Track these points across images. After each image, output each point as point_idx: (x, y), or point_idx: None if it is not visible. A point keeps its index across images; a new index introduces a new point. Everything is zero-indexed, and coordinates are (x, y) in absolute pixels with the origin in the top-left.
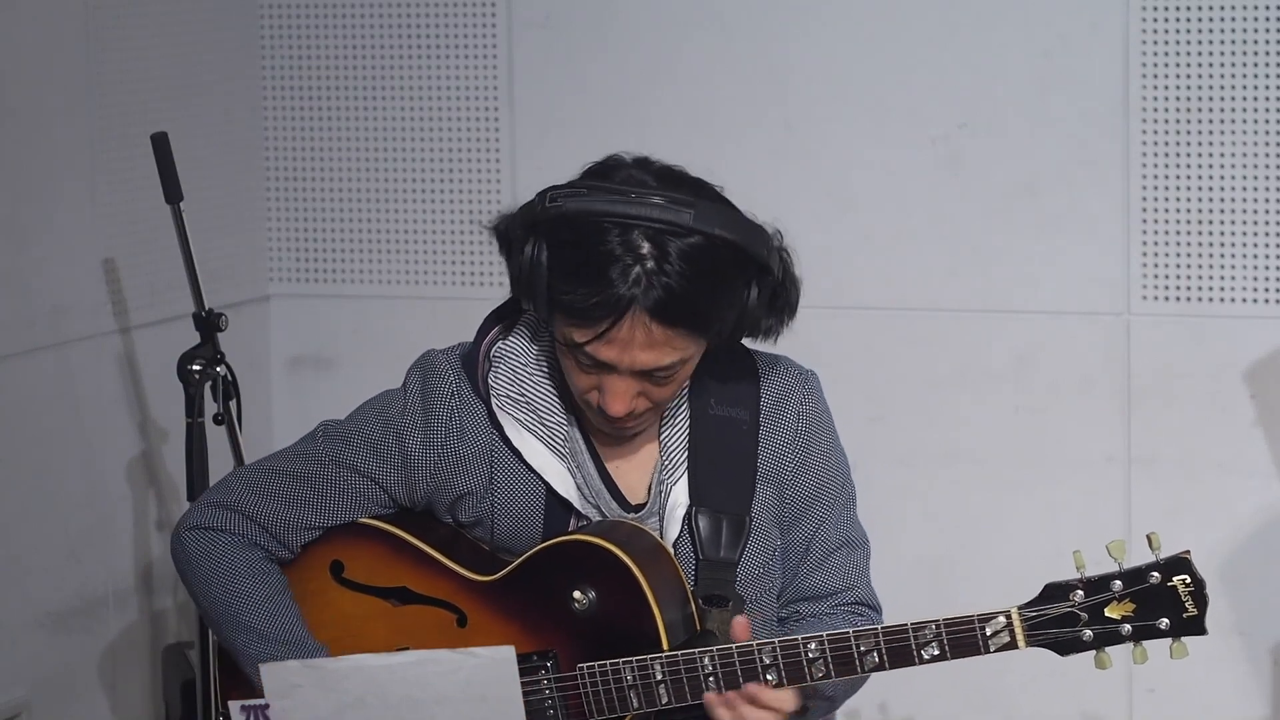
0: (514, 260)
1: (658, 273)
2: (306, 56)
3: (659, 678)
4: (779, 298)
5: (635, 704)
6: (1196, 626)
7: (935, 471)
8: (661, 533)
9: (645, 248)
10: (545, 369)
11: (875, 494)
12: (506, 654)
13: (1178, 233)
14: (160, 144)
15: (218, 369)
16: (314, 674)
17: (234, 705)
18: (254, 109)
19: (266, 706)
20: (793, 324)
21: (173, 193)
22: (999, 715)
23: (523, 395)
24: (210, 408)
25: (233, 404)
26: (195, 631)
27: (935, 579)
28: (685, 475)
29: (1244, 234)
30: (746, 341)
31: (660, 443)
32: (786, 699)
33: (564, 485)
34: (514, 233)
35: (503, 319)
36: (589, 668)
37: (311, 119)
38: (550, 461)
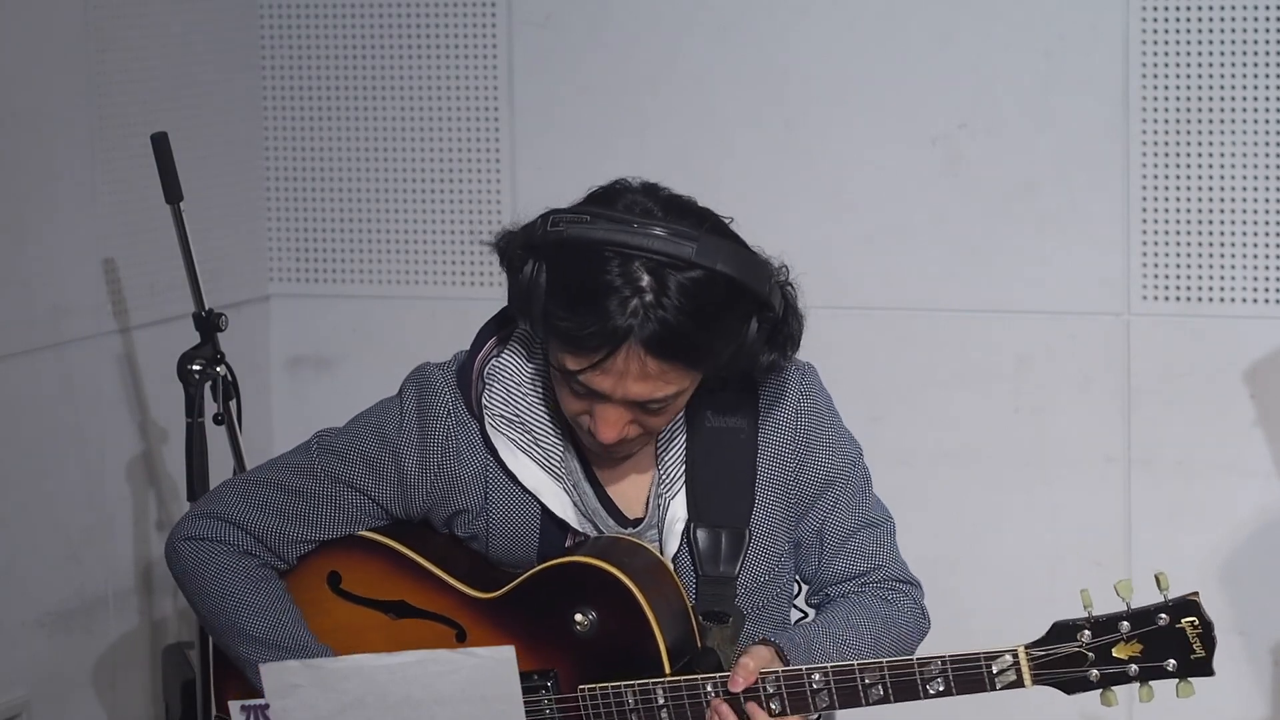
0: (514, 278)
1: (655, 306)
2: (306, 56)
3: (661, 702)
4: (779, 333)
5: None
6: (1204, 668)
7: (935, 471)
8: (661, 547)
9: (645, 280)
10: (540, 388)
11: (875, 494)
12: (506, 654)
13: (1178, 233)
14: (160, 144)
15: (218, 369)
16: (314, 674)
17: (234, 705)
18: (254, 109)
19: (266, 706)
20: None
21: (173, 193)
22: (998, 715)
23: (517, 416)
24: (210, 408)
25: (233, 404)
26: (195, 631)
27: (935, 579)
28: (683, 490)
29: (1244, 234)
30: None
31: (657, 457)
32: None
33: (560, 506)
34: (514, 251)
35: (497, 331)
36: (590, 689)
37: (311, 119)
38: (545, 483)
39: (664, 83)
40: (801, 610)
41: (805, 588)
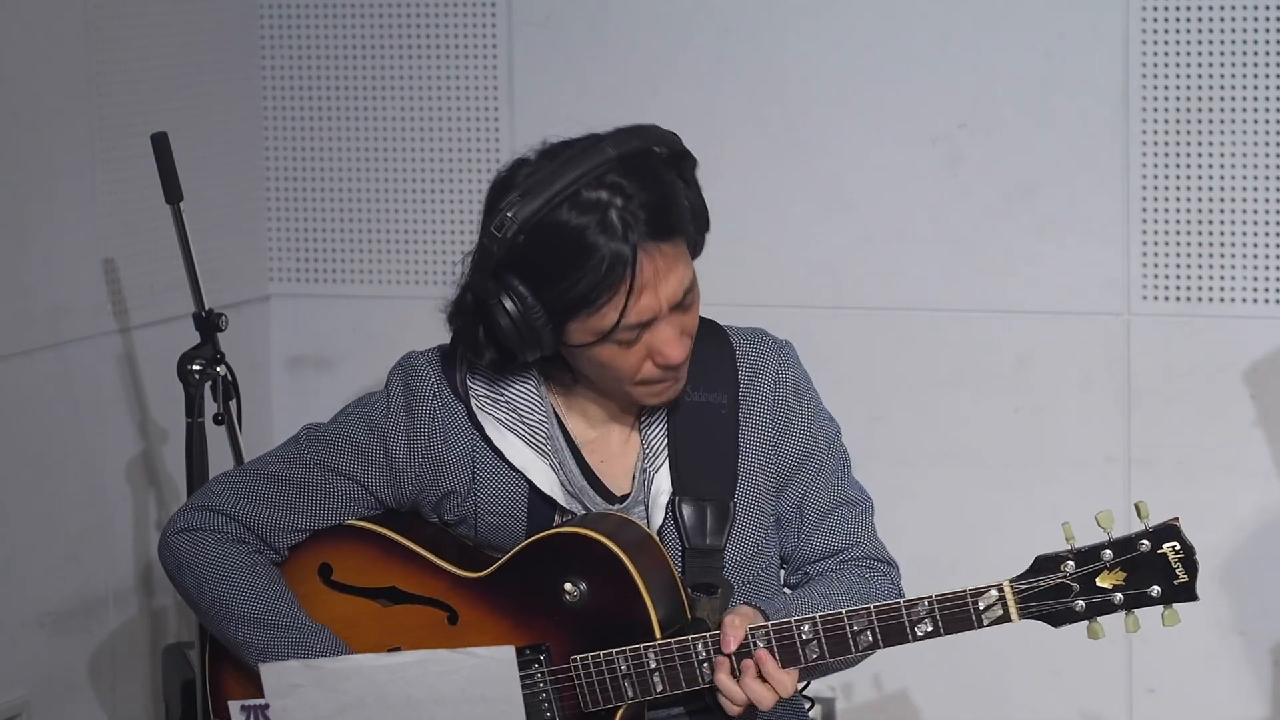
0: (497, 321)
1: (629, 201)
2: (306, 56)
3: (653, 666)
4: (694, 181)
5: (630, 693)
6: (1188, 593)
7: (935, 471)
8: (647, 521)
9: (601, 194)
10: (522, 367)
11: (875, 494)
12: (506, 654)
13: (1178, 233)
14: (160, 144)
15: (218, 369)
16: (314, 674)
17: (234, 705)
18: (254, 109)
19: (266, 706)
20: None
21: (173, 193)
22: (999, 715)
23: (501, 395)
24: (210, 408)
25: (233, 404)
26: (195, 631)
27: (934, 579)
28: (667, 463)
29: (1244, 234)
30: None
31: (640, 432)
32: (789, 681)
33: (547, 482)
34: (483, 294)
35: None
36: (583, 659)
37: (311, 119)
38: (532, 460)
39: (664, 83)
40: (785, 593)
41: (784, 568)
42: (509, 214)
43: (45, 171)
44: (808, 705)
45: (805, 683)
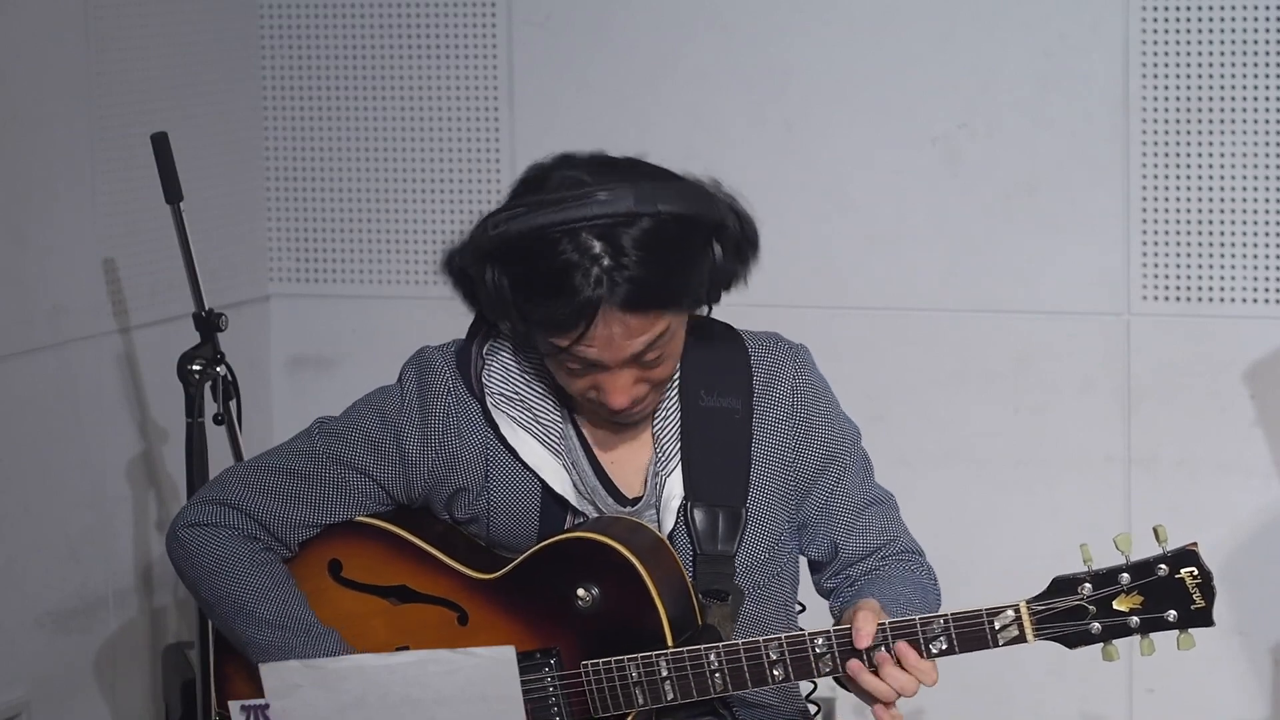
0: (479, 291)
1: (616, 268)
2: (306, 56)
3: (664, 674)
4: (741, 245)
5: (640, 701)
6: (1204, 618)
7: (935, 471)
8: (659, 525)
9: (596, 246)
10: (537, 365)
11: None
12: (507, 654)
13: (1178, 233)
14: (160, 144)
15: (218, 369)
16: (314, 674)
17: (234, 705)
18: (254, 109)
19: (266, 706)
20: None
21: (173, 193)
22: (999, 715)
23: (516, 393)
24: (210, 408)
25: (233, 404)
26: (195, 631)
27: None
28: (679, 467)
29: (1244, 234)
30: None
31: (654, 435)
32: (930, 670)
33: (559, 482)
34: (468, 265)
35: None
36: (593, 665)
37: (311, 119)
38: (545, 459)
39: (664, 82)
40: (800, 603)
41: (820, 572)
42: (510, 223)
43: (45, 171)
44: (814, 710)
45: (814, 686)
